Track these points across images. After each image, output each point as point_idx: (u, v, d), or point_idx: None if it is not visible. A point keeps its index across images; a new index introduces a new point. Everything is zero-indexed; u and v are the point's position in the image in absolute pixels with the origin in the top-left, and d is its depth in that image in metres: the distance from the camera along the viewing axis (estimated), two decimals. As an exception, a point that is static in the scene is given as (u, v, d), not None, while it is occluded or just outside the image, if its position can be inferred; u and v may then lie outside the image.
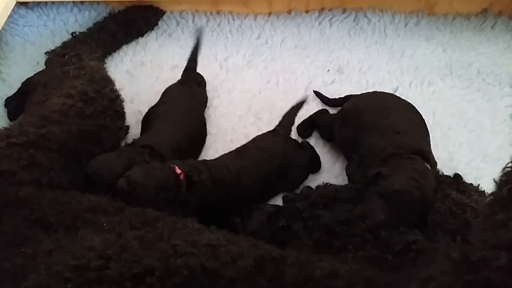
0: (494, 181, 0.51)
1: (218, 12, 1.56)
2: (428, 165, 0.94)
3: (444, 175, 1.08)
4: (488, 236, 0.47)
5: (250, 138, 1.16)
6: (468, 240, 0.50)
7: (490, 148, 1.18)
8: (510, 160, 0.51)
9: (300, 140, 1.20)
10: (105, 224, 0.70)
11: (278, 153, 1.06)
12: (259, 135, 1.14)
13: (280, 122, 1.16)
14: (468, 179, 1.07)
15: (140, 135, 1.16)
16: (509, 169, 0.49)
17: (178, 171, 0.92)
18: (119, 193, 0.87)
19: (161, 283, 0.60)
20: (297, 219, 0.88)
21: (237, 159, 1.03)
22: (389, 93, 1.20)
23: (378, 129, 1.02)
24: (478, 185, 1.05)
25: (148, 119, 1.17)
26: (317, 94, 1.31)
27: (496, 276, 0.44)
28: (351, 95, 1.24)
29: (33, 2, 1.54)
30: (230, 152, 1.07)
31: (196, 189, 0.93)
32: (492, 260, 0.44)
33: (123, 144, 1.12)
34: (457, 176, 1.08)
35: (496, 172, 0.53)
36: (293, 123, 1.17)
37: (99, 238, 0.66)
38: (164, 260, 0.62)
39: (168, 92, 1.23)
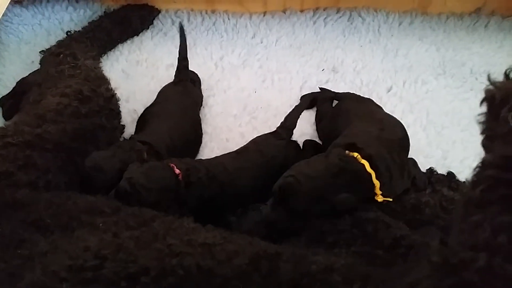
0: (466, 181, 0.52)
1: (213, 11, 1.56)
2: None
3: (437, 173, 1.10)
4: (465, 237, 0.47)
5: (246, 137, 1.17)
6: (447, 243, 0.51)
7: (483, 147, 1.19)
8: (480, 160, 0.51)
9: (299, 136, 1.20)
10: (101, 224, 0.71)
11: (279, 157, 1.05)
12: (260, 137, 1.13)
13: (282, 124, 1.15)
14: (461, 177, 1.08)
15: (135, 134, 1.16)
16: (479, 170, 0.50)
17: (177, 171, 0.92)
18: (119, 194, 0.87)
19: (156, 282, 0.60)
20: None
21: (236, 159, 1.03)
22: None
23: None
24: (471, 183, 1.06)
25: (143, 119, 1.17)
26: (322, 90, 1.32)
27: (477, 278, 0.44)
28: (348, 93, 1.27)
29: (28, 0, 1.53)
30: (230, 153, 1.07)
31: (194, 188, 0.93)
32: (472, 262, 0.45)
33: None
34: (450, 174, 1.09)
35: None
36: (295, 126, 1.16)
37: (94, 238, 0.66)
38: (159, 259, 0.62)
39: (163, 92, 1.24)
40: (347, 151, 0.90)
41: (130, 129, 1.19)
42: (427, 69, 1.39)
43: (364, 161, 0.88)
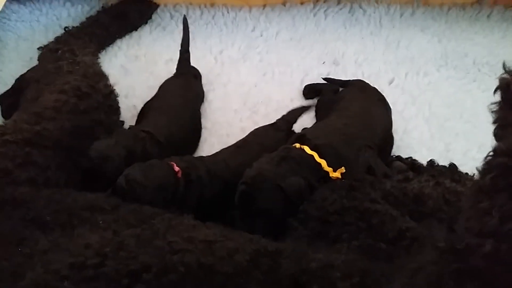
0: (477, 169, 0.52)
1: (212, 5, 1.55)
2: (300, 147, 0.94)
3: (438, 165, 1.09)
4: (472, 224, 0.47)
5: (246, 132, 1.16)
6: (453, 229, 0.51)
7: (486, 139, 1.14)
8: (492, 148, 0.51)
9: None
10: (101, 222, 0.70)
11: None
12: (259, 128, 1.13)
13: (283, 117, 1.15)
14: (464, 169, 1.07)
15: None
16: (491, 157, 0.50)
17: (176, 168, 0.91)
18: (116, 191, 0.86)
19: (158, 279, 0.60)
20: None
21: (237, 154, 1.03)
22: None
23: None
24: (474, 174, 1.05)
25: (143, 113, 1.17)
26: (328, 80, 1.32)
27: (483, 264, 0.44)
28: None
29: (25, -4, 1.53)
30: (229, 147, 1.06)
31: (194, 187, 0.92)
32: (478, 248, 0.45)
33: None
34: (452, 166, 1.08)
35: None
36: (295, 121, 1.17)
37: (95, 236, 0.66)
38: (160, 257, 0.62)
39: (164, 86, 1.23)
40: (295, 144, 0.95)
41: (129, 125, 1.19)
42: (429, 60, 1.38)
43: (304, 147, 0.92)
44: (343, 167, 0.93)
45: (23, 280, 0.62)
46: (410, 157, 1.12)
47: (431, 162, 1.09)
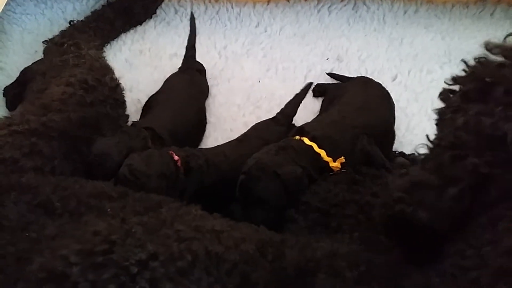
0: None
1: (216, 0, 1.55)
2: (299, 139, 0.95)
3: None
4: None
5: (250, 127, 1.17)
6: None
7: (488, 135, 1.19)
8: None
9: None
10: (109, 209, 0.71)
11: None
12: (259, 123, 1.14)
13: (282, 110, 1.17)
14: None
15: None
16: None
17: (176, 157, 0.93)
18: (119, 181, 0.87)
19: (165, 267, 0.60)
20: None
21: (238, 147, 1.04)
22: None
23: None
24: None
25: (148, 106, 1.18)
26: (332, 75, 1.33)
27: None
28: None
29: (30, -11, 1.53)
30: (231, 141, 1.08)
31: (194, 174, 0.94)
32: None
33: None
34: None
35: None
36: (295, 113, 1.17)
37: (103, 224, 0.67)
38: (167, 245, 0.63)
39: (169, 80, 1.24)
40: (295, 136, 0.96)
41: (134, 119, 1.19)
42: (432, 57, 1.39)
43: (303, 138, 0.94)
44: (342, 157, 0.94)
45: (30, 265, 0.62)
46: (413, 153, 1.13)
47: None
